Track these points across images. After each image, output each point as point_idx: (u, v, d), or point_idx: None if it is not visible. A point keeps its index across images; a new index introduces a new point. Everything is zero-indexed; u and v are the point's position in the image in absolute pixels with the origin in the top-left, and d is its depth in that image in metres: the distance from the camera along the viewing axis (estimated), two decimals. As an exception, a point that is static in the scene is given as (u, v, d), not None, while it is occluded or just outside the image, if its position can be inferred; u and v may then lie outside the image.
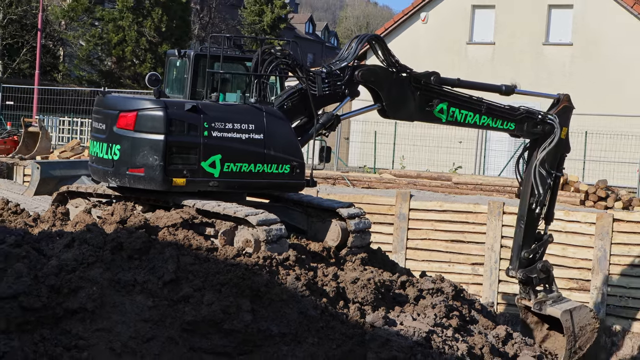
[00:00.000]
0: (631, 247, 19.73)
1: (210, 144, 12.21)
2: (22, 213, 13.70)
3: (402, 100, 14.07)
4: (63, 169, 18.83)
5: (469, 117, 14.68)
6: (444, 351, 10.94)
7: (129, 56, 50.35)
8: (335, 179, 25.16)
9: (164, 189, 12.13)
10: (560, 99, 15.69)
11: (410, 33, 35.19)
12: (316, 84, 13.31)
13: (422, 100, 14.18)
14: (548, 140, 15.47)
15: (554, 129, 15.42)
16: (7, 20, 51.17)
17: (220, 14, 71.72)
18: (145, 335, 9.42)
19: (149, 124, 12.08)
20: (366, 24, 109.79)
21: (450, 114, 14.48)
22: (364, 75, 13.75)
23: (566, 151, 15.95)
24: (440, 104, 14.36)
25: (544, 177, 15.65)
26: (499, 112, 15.10)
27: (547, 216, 16.25)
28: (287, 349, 9.88)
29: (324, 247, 13.18)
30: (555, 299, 16.27)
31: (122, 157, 12.25)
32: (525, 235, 16.05)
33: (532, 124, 15.36)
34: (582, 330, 16.10)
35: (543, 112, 15.47)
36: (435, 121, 14.47)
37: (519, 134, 15.64)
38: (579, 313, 16.09)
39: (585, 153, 28.66)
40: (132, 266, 10.25)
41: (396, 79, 13.98)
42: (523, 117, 15.28)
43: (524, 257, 16.02)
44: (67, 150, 27.70)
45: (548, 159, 15.57)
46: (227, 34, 15.31)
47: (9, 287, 9.17)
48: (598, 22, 32.00)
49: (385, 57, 14.00)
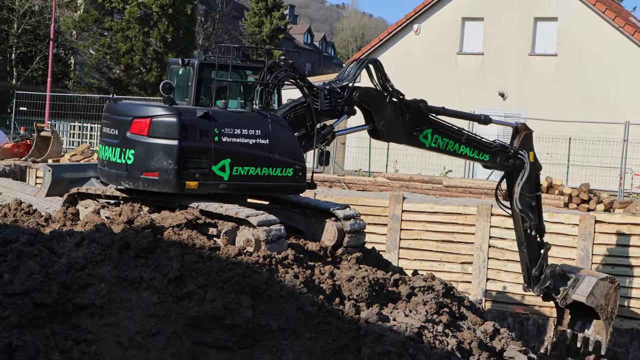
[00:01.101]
0: (612, 248, 19.73)
1: (220, 149, 12.21)
2: (35, 213, 13.67)
3: (392, 123, 14.15)
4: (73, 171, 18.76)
5: (449, 145, 14.80)
6: (435, 346, 10.93)
7: (136, 64, 50.41)
8: (332, 181, 25.15)
9: (177, 191, 12.13)
10: (518, 128, 15.85)
11: (403, 44, 35.21)
12: (319, 99, 13.39)
13: (410, 125, 14.28)
14: (521, 174, 15.77)
15: (523, 164, 15.72)
16: (22, 31, 51.19)
17: (223, 24, 71.85)
18: (151, 330, 9.41)
19: (162, 129, 12.07)
20: (362, 34, 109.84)
21: (434, 141, 14.60)
22: (360, 96, 13.83)
23: (538, 171, 16.29)
24: (426, 130, 14.47)
25: (528, 204, 15.99)
26: (476, 143, 15.25)
27: (539, 230, 16.53)
28: (286, 343, 9.87)
29: (321, 247, 13.17)
30: (574, 284, 16.69)
31: (136, 161, 12.22)
32: (530, 257, 16.50)
33: (504, 157, 15.58)
34: (607, 298, 16.68)
35: (514, 147, 15.65)
36: (420, 146, 14.63)
37: (491, 166, 15.83)
38: (598, 287, 16.55)
39: (569, 158, 28.70)
40: (138, 264, 10.24)
41: (389, 102, 14.06)
42: (497, 150, 15.46)
43: (534, 275, 16.58)
44: (78, 153, 27.68)
45: (525, 188, 15.86)
46: (235, 45, 15.29)
47: (21, 284, 9.16)
48: (581, 34, 32.03)
49: (380, 81, 14.08)
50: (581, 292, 16.48)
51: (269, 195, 13.95)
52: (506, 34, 33.26)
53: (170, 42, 50.10)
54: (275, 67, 13.15)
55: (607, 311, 16.72)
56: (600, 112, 30.21)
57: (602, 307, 16.64)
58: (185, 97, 13.36)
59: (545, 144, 29.03)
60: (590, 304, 16.46)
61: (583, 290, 16.49)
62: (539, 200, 16.41)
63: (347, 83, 13.84)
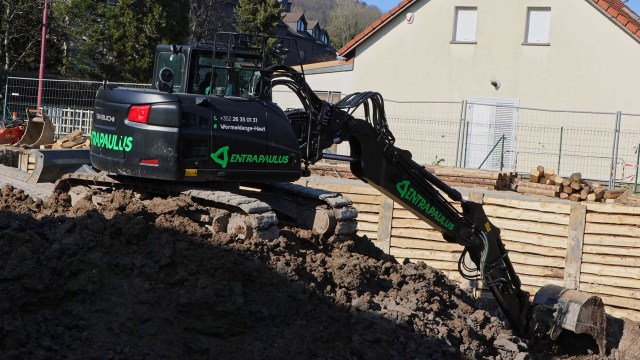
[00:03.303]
0: (603, 237, 19.75)
1: (219, 136, 12.21)
2: (26, 199, 13.64)
3: (376, 162, 14.18)
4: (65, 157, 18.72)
5: (421, 203, 14.82)
6: (425, 334, 10.97)
7: (129, 51, 50.23)
8: (324, 170, 25.15)
9: (177, 179, 12.10)
10: (468, 207, 15.79)
11: (396, 32, 35.16)
12: (320, 112, 13.44)
13: (392, 170, 14.32)
14: (482, 253, 15.80)
15: (483, 245, 15.74)
16: (14, 16, 50.94)
17: (217, 11, 71.60)
18: (143, 317, 9.42)
19: (162, 117, 12.03)
20: (355, 23, 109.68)
21: (408, 193, 14.61)
22: (355, 126, 13.90)
23: (497, 235, 16.32)
24: (404, 181, 14.50)
25: (497, 271, 16.14)
26: (445, 209, 15.28)
27: (514, 282, 16.80)
28: (277, 330, 9.90)
29: (312, 235, 13.18)
30: (559, 315, 17.12)
31: (135, 148, 12.17)
32: (513, 311, 16.91)
33: (466, 232, 15.60)
34: (594, 318, 17.33)
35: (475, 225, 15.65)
36: (394, 194, 14.58)
37: (453, 236, 15.69)
38: (583, 314, 17.11)
39: (561, 148, 28.75)
40: (130, 251, 10.24)
41: (379, 141, 14.09)
42: (462, 223, 15.50)
43: (522, 323, 17.03)
44: (70, 139, 27.60)
45: (489, 259, 15.90)
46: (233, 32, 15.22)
47: (13, 270, 9.16)
48: (574, 24, 32.03)
49: (375, 119, 14.13)
50: (569, 322, 17.00)
51: (264, 182, 13.96)
52: (499, 23, 33.24)
53: (163, 29, 49.93)
54: (281, 69, 13.27)
55: (597, 329, 17.36)
56: (592, 102, 30.28)
57: (592, 328, 17.23)
58: (176, 84, 13.30)
59: (537, 133, 29.14)
60: (581, 332, 17.08)
61: (570, 320, 17.00)
62: (507, 260, 16.59)
63: (348, 107, 13.94)
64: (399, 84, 33.71)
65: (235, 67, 13.45)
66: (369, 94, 14.24)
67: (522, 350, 12.54)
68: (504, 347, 12.39)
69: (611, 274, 19.62)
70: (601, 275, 19.72)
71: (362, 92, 14.44)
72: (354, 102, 14.05)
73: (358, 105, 14.03)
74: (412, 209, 14.97)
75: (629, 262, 19.49)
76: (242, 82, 13.76)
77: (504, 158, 30.24)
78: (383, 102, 14.20)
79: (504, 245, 16.92)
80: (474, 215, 15.67)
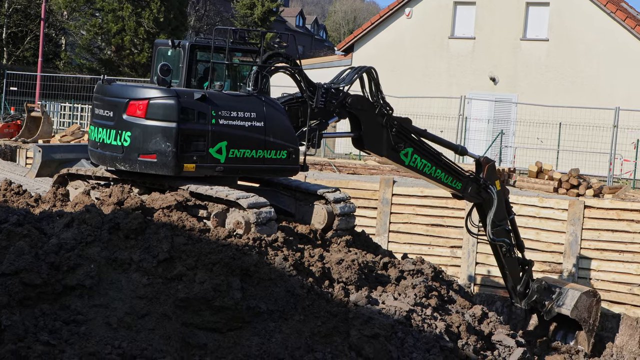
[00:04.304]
0: (601, 233, 19.78)
1: (217, 131, 12.21)
2: (24, 194, 13.63)
3: (377, 134, 14.24)
4: (64, 152, 18.71)
5: (426, 167, 14.94)
6: (423, 329, 10.98)
7: (127, 45, 50.12)
8: (323, 165, 25.14)
9: (175, 174, 12.10)
10: (481, 161, 15.99)
11: (395, 27, 35.14)
12: (315, 96, 13.42)
13: (393, 140, 14.37)
14: (490, 208, 15.96)
15: (492, 199, 15.89)
16: (12, 10, 50.89)
17: (215, 6, 71.48)
18: (141, 311, 9.42)
19: (161, 112, 12.02)
20: (354, 18, 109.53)
21: (413, 160, 14.72)
22: (352, 103, 13.92)
23: (506, 195, 16.48)
24: (407, 148, 14.59)
25: (502, 231, 16.26)
26: (452, 170, 15.44)
27: (519, 246, 16.90)
28: (275, 325, 9.90)
29: (310, 230, 13.18)
30: (558, 297, 17.33)
31: (133, 143, 12.17)
32: (513, 277, 16.90)
33: (475, 188, 15.74)
34: (590, 312, 17.46)
35: (484, 180, 15.79)
36: (399, 162, 14.73)
37: (462, 196, 15.90)
38: (581, 302, 17.25)
39: (559, 143, 28.75)
40: (128, 245, 10.24)
41: (377, 114, 14.13)
42: (469, 180, 15.65)
43: (520, 291, 17.00)
44: (68, 134, 27.56)
45: (497, 217, 16.09)
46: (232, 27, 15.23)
47: (11, 264, 9.15)
48: (573, 19, 32.03)
49: (372, 92, 14.17)
50: (566, 305, 17.11)
51: (263, 177, 13.96)
52: (498, 18, 33.23)
53: (162, 23, 49.84)
54: (276, 56, 13.20)
55: (590, 323, 17.45)
56: (590, 98, 30.29)
57: (585, 319, 17.33)
58: (174, 79, 13.30)
59: (536, 128, 29.14)
60: (575, 317, 17.13)
61: (567, 304, 17.12)
62: (514, 222, 16.71)
63: (343, 86, 13.92)
64: (397, 79, 33.66)
65: (234, 62, 13.45)
66: (363, 69, 14.23)
67: (520, 345, 12.55)
68: (502, 342, 12.40)
69: (609, 269, 19.66)
70: (599, 270, 19.75)
71: (355, 67, 14.43)
72: (349, 79, 14.04)
73: (353, 82, 14.02)
74: (418, 174, 15.09)
75: (626, 257, 19.52)
76: (240, 77, 13.77)
77: (502, 153, 30.22)
78: (377, 75, 14.24)
79: (512, 207, 16.97)
80: (485, 170, 15.78)
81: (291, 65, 13.38)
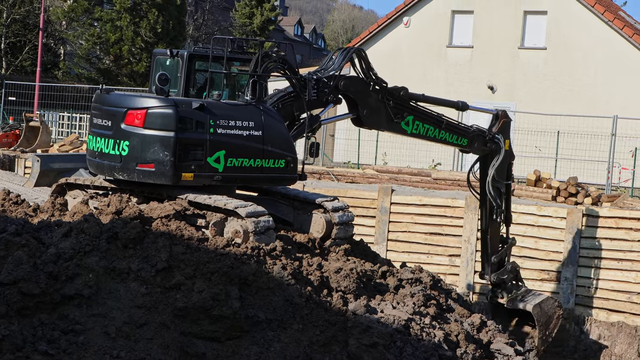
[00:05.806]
0: (599, 241, 19.80)
1: (215, 141, 12.21)
2: (23, 203, 13.64)
3: (375, 110, 14.34)
4: (62, 162, 18.75)
5: (430, 131, 15.13)
6: (422, 338, 10.97)
7: (126, 55, 50.17)
8: (321, 173, 25.15)
9: (173, 183, 12.09)
10: (498, 115, 16.28)
11: (393, 36, 35.19)
12: (307, 89, 13.43)
13: (392, 112, 14.48)
14: (495, 157, 16.22)
15: (499, 148, 16.13)
16: (11, 20, 50.97)
17: (213, 15, 71.61)
18: (139, 321, 9.42)
19: (159, 121, 12.01)
20: (352, 27, 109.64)
21: (415, 127, 14.89)
22: (345, 85, 13.95)
23: (512, 159, 16.71)
24: (408, 117, 14.74)
25: (497, 189, 16.43)
26: (456, 128, 15.64)
27: (506, 219, 17.06)
28: (273, 334, 9.90)
29: (309, 239, 13.18)
30: (524, 294, 17.38)
31: (131, 152, 12.17)
32: (492, 243, 16.95)
33: (481, 141, 15.97)
34: (550, 319, 17.29)
35: (491, 131, 16.07)
36: (402, 132, 14.92)
37: (469, 150, 16.22)
38: (546, 304, 17.22)
39: (557, 151, 28.76)
40: (126, 255, 10.24)
41: (372, 90, 14.20)
42: (475, 135, 15.87)
43: (494, 262, 16.99)
44: (66, 144, 27.59)
45: (498, 173, 16.28)
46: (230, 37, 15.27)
47: (9, 274, 9.16)
48: (570, 27, 32.08)
49: (364, 70, 14.20)
50: (530, 302, 17.03)
51: (261, 186, 13.96)
52: (496, 27, 33.29)
53: (160, 33, 49.91)
54: (266, 57, 13.17)
55: (545, 330, 17.22)
56: (588, 106, 30.31)
57: (543, 324, 17.10)
58: (172, 89, 13.31)
59: (534, 137, 29.14)
60: (535, 315, 16.92)
61: (532, 300, 17.08)
62: (509, 190, 16.88)
63: (333, 72, 13.92)
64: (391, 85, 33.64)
65: (232, 71, 13.46)
66: (350, 50, 14.26)
67: (519, 354, 12.55)
68: (501, 351, 12.40)
69: (607, 277, 19.67)
70: (597, 279, 19.76)
71: (342, 49, 14.44)
72: (338, 65, 14.05)
73: (342, 66, 14.04)
74: (423, 139, 15.33)
75: (625, 265, 19.53)
76: (238, 86, 13.78)
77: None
78: (366, 54, 14.26)
79: (513, 175, 17.15)
80: (501, 124, 16.12)
81: (279, 63, 13.35)
